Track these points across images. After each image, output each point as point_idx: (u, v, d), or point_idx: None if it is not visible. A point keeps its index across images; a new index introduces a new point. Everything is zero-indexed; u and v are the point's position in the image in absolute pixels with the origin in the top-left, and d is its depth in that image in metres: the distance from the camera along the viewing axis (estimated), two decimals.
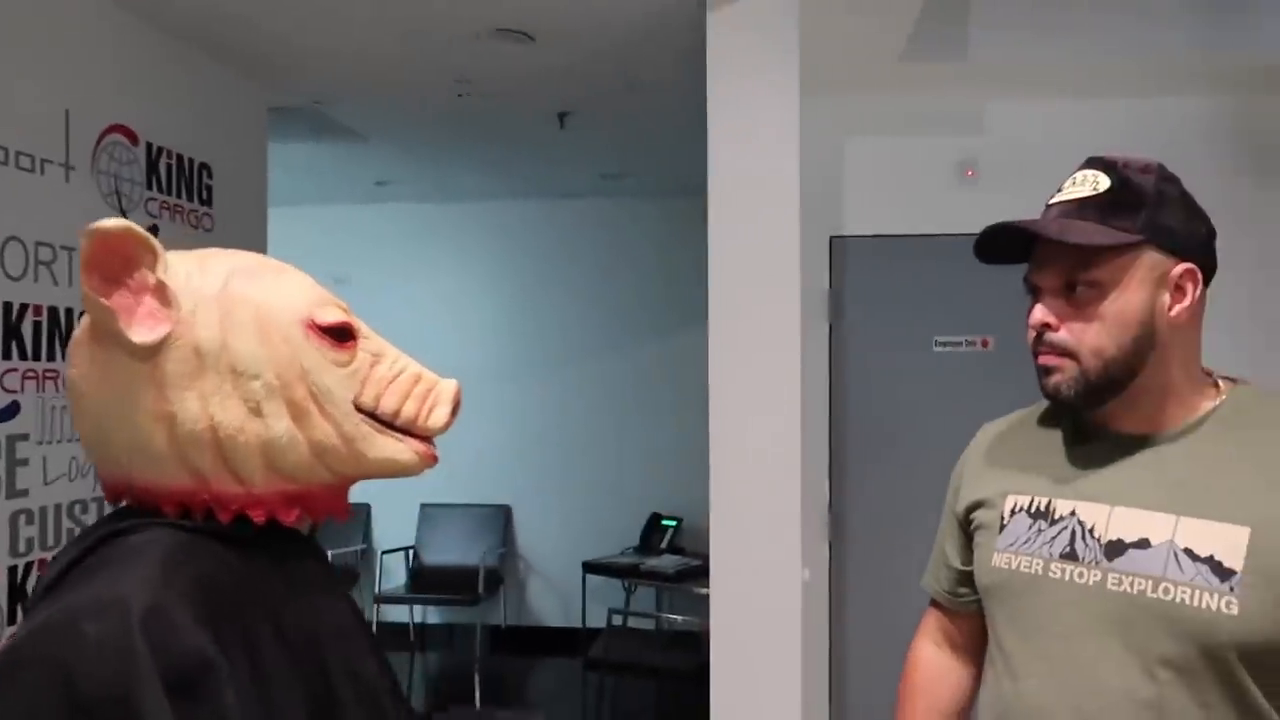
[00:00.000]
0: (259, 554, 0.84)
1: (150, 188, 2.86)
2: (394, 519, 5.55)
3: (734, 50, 2.48)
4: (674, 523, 5.25)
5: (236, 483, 0.83)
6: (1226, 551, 0.98)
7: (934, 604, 1.33)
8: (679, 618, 4.94)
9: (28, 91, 2.41)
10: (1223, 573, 0.97)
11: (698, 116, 2.54)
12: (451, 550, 5.50)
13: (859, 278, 3.18)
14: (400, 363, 0.90)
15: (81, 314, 0.86)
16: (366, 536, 5.68)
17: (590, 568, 5.12)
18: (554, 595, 5.69)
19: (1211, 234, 1.09)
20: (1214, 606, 0.97)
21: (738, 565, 2.43)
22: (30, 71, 2.42)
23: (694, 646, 4.28)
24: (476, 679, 4.74)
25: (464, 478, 5.62)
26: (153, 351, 0.80)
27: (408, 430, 0.88)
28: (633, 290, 5.64)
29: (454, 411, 0.90)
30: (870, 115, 3.20)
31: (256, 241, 3.44)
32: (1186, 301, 1.05)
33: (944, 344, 3.13)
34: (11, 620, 2.34)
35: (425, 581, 5.38)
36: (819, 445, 3.12)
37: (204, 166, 3.10)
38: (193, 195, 3.05)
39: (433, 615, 5.73)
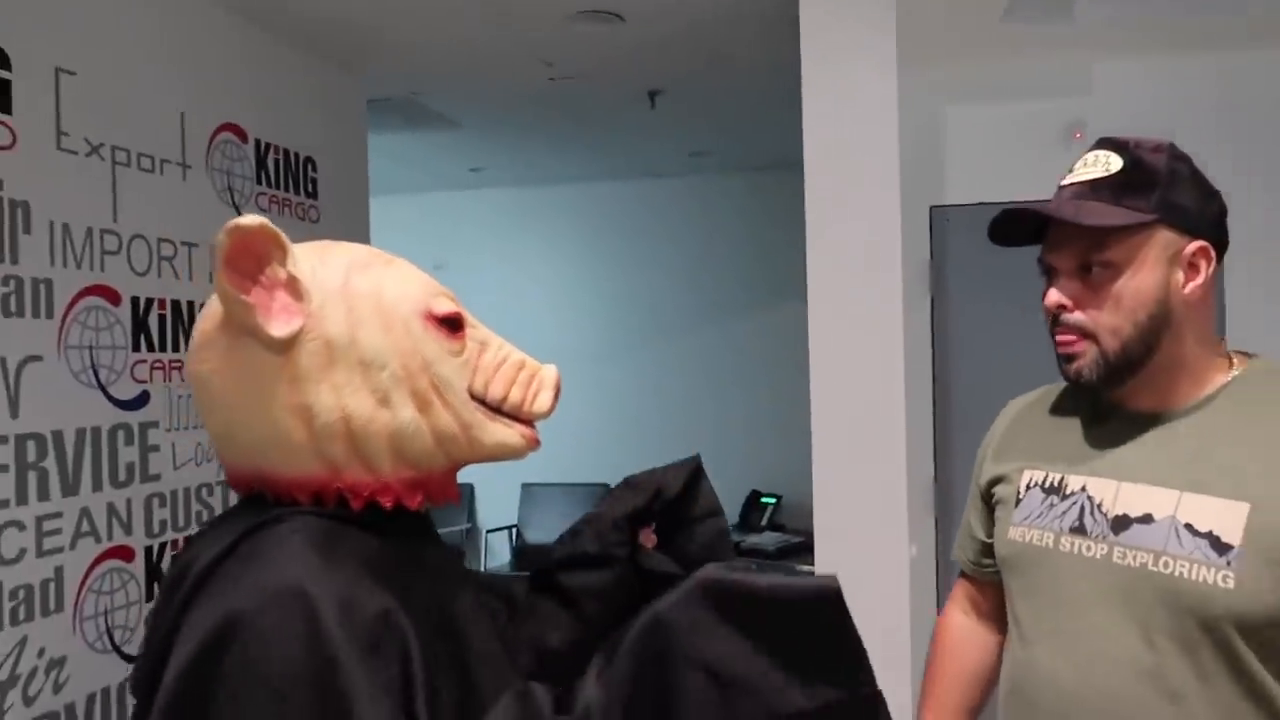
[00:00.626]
0: (388, 539, 0.87)
1: (259, 183, 2.97)
2: (497, 499, 5.68)
3: (828, 21, 2.43)
4: (773, 499, 5.23)
5: (366, 471, 0.85)
6: (1226, 527, 0.99)
7: (962, 574, 1.37)
8: None
9: (145, 96, 2.53)
10: (1221, 547, 0.99)
11: (788, 90, 2.50)
12: (554, 529, 5.56)
13: (961, 248, 3.09)
14: (504, 350, 0.92)
15: (203, 308, 0.89)
16: (471, 516, 5.83)
17: None
18: None
19: (1223, 211, 1.11)
20: (1211, 580, 0.98)
21: (842, 541, 2.41)
22: (147, 76, 2.54)
23: None
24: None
25: (564, 457, 5.68)
26: (287, 345, 0.82)
27: (514, 415, 0.91)
28: (725, 267, 5.61)
29: (556, 396, 0.93)
30: (971, 81, 3.09)
31: (360, 230, 3.55)
32: (1200, 279, 1.07)
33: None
34: (150, 596, 2.48)
35: (529, 560, 5.50)
36: (923, 419, 3.06)
37: (309, 160, 3.21)
38: (299, 188, 3.17)
39: None
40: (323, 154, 3.28)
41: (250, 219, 0.80)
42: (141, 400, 2.48)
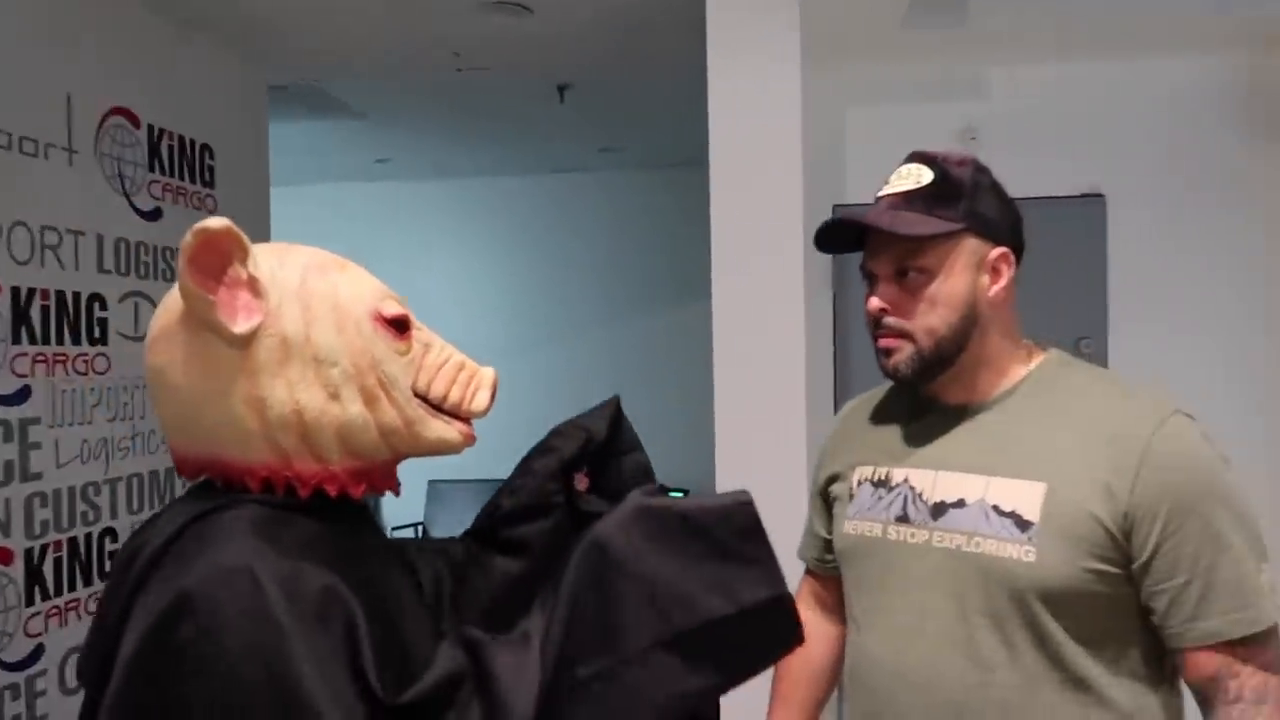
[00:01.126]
0: (331, 525, 0.92)
1: (153, 170, 2.86)
2: (403, 497, 5.57)
3: (734, 20, 2.46)
4: (680, 493, 5.26)
5: (315, 461, 0.91)
6: (1026, 506, 1.09)
7: (808, 571, 1.44)
8: None
9: (28, 76, 2.41)
10: (1023, 525, 1.08)
11: (697, 87, 2.53)
12: (461, 526, 5.52)
13: None
14: (447, 351, 0.99)
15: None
16: (376, 514, 5.72)
17: None
18: None
19: (1019, 219, 1.20)
20: (1015, 555, 1.08)
21: None
22: (30, 56, 2.42)
23: None
24: None
25: (472, 454, 5.55)
26: (246, 341, 0.88)
27: (453, 413, 0.98)
28: (634, 263, 5.64)
29: (493, 396, 1.01)
30: (872, 83, 3.18)
31: (260, 222, 3.45)
32: (1002, 281, 1.16)
33: None
34: (30, 601, 2.37)
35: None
36: (824, 414, 3.13)
37: (205, 148, 3.10)
38: (195, 177, 3.06)
39: None
40: (221, 141, 3.18)
41: (215, 221, 0.85)
42: (22, 395, 2.36)
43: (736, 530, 0.81)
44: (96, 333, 2.59)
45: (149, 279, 2.80)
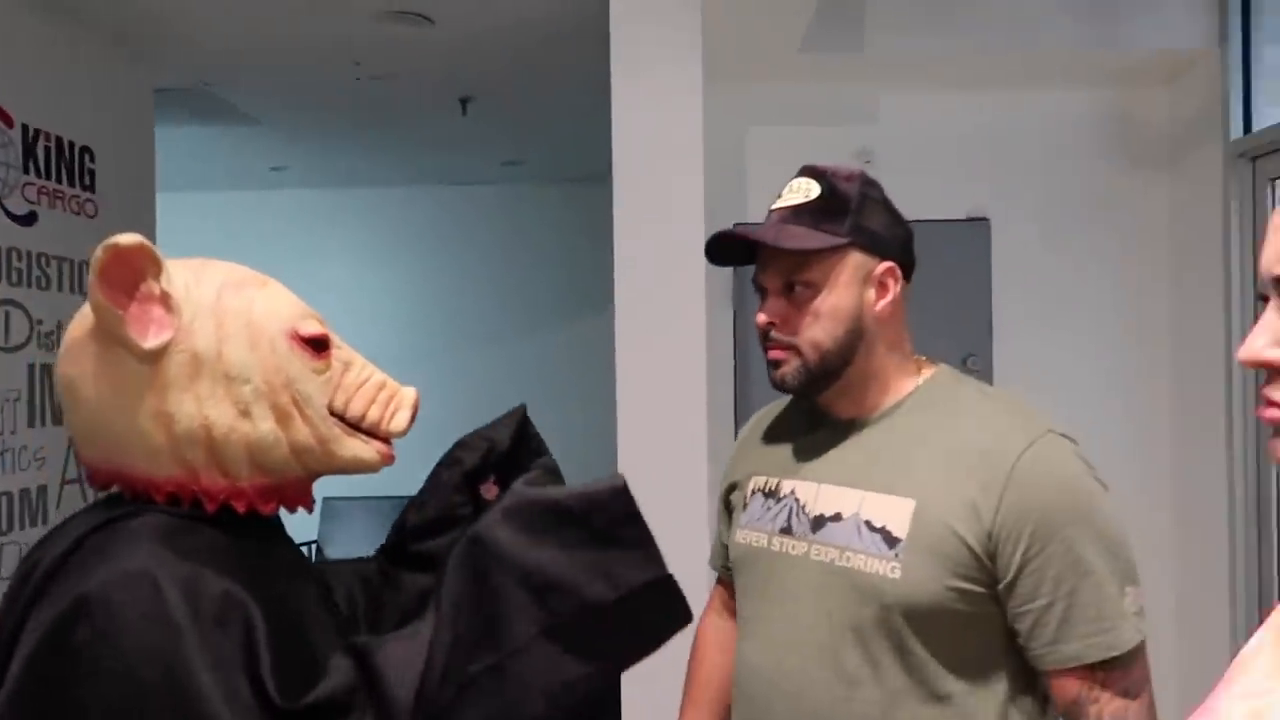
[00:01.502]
0: (238, 538, 0.92)
1: (28, 172, 2.71)
2: (297, 515, 5.41)
3: (637, 38, 2.49)
4: None
5: (223, 476, 0.91)
6: (896, 522, 1.09)
7: (718, 579, 1.45)
8: None
9: None
10: (891, 541, 1.09)
11: (601, 103, 2.54)
12: (356, 545, 5.39)
13: None
14: (367, 370, 1.00)
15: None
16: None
17: None
18: None
19: (909, 235, 1.20)
20: (881, 571, 1.08)
21: None
22: None
23: None
24: None
25: None
26: (157, 356, 0.88)
27: (371, 432, 0.98)
28: (537, 278, 5.62)
29: (413, 416, 1.01)
30: (772, 105, 3.25)
31: (145, 228, 3.30)
32: (889, 296, 1.17)
33: None
34: None
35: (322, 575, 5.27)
36: (725, 427, 3.18)
37: (86, 150, 2.96)
38: (74, 180, 2.91)
39: None
40: (103, 144, 3.03)
41: (128, 237, 0.85)
42: None
43: (614, 516, 0.83)
44: None
45: (22, 286, 2.65)
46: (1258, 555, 2.80)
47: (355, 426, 0.97)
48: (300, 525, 5.51)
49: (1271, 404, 0.61)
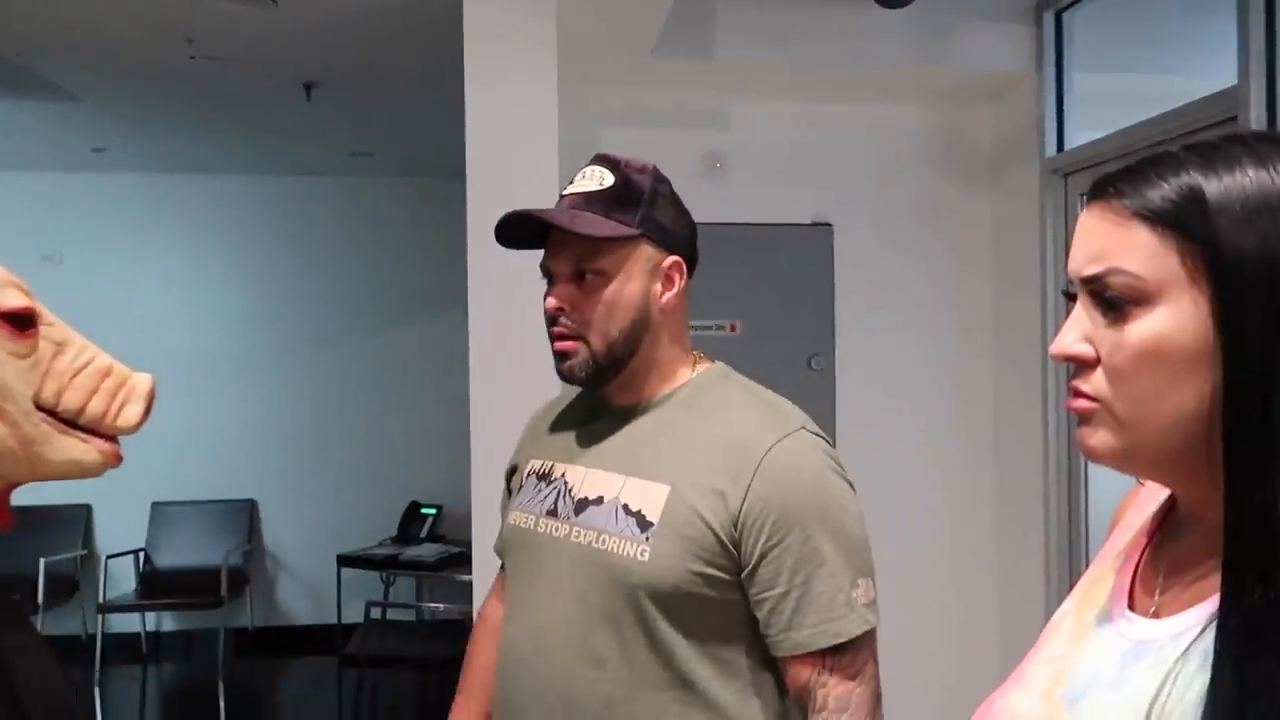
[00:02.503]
0: None
1: None
2: (120, 520, 5.07)
3: (491, 35, 2.46)
4: (434, 510, 5.17)
5: None
6: (650, 507, 1.13)
7: (502, 565, 1.43)
8: (441, 606, 4.88)
9: None
10: (644, 525, 1.12)
11: (452, 97, 2.50)
12: (190, 551, 5.10)
13: None
14: (87, 353, 0.82)
15: None
16: (87, 541, 5.15)
17: (345, 561, 4.94)
18: (306, 592, 5.44)
19: (694, 230, 1.25)
20: (631, 554, 1.11)
21: None
22: None
23: (457, 634, 4.25)
24: (221, 687, 4.44)
25: (202, 473, 5.23)
26: None
27: (92, 429, 0.81)
28: (386, 273, 5.47)
29: (148, 409, 0.83)
30: (625, 106, 3.29)
31: None
32: (675, 289, 1.20)
33: (697, 327, 3.24)
34: None
35: (159, 586, 4.96)
36: None
37: None
38: None
39: (169, 622, 5.31)
40: None
41: None
42: None
43: None
44: None
45: None
46: (1067, 527, 3.05)
47: (71, 423, 0.80)
48: (126, 531, 5.15)
49: (1079, 394, 0.66)
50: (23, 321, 0.77)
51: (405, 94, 3.81)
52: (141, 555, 5.09)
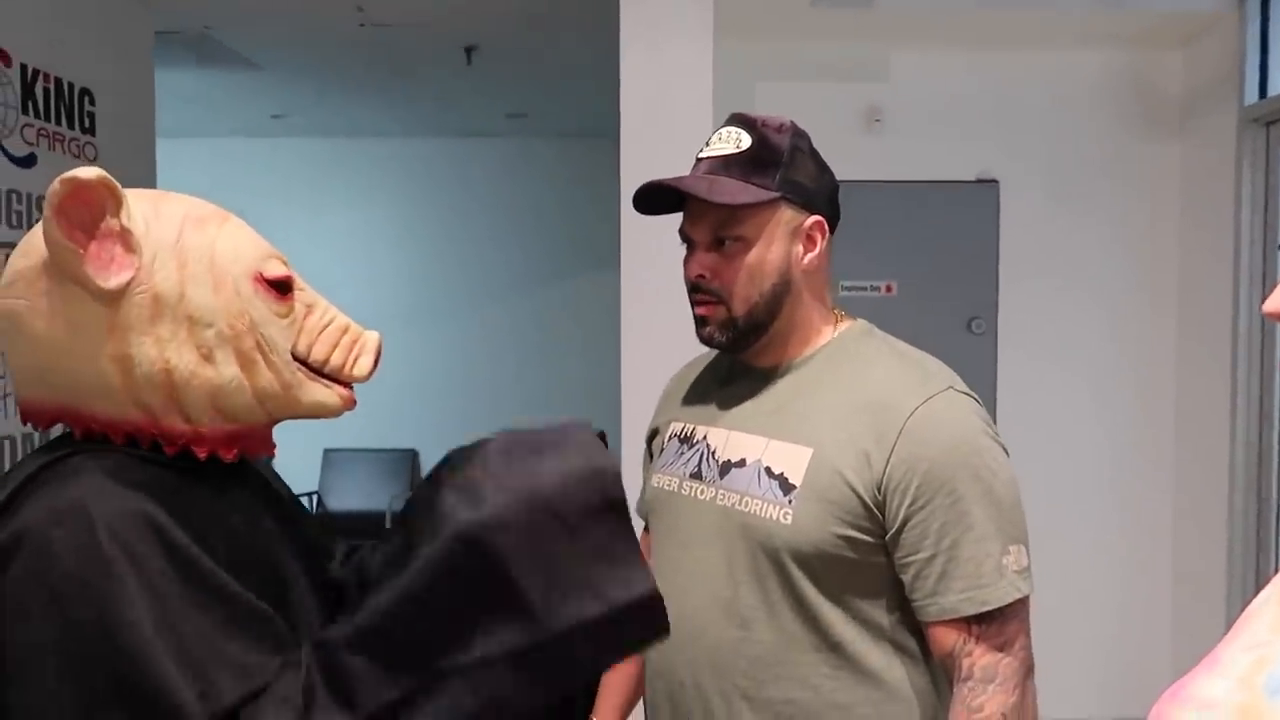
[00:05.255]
0: (195, 479, 0.90)
1: (26, 113, 2.68)
2: (297, 464, 5.44)
3: None
4: None
5: (184, 421, 0.88)
6: (793, 469, 1.11)
7: (645, 526, 1.42)
8: None
9: None
10: (787, 488, 1.11)
11: (606, 57, 2.50)
12: (356, 495, 5.43)
13: None
14: (330, 314, 0.96)
15: None
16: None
17: None
18: None
19: (835, 188, 1.21)
20: (775, 517, 1.10)
21: None
22: None
23: None
24: None
25: (368, 422, 5.51)
26: (116, 296, 0.84)
27: (334, 377, 0.95)
28: (539, 233, 5.58)
29: (376, 361, 0.99)
30: (781, 61, 3.21)
31: (145, 173, 3.27)
32: (816, 250, 1.17)
33: (850, 288, 3.20)
34: None
35: (329, 527, 5.31)
36: None
37: (85, 92, 2.92)
38: (73, 122, 2.87)
39: None
40: (103, 87, 2.99)
41: (87, 171, 0.81)
42: None
43: (600, 519, 0.82)
44: None
45: (22, 228, 2.63)
46: (1255, 514, 2.82)
47: (318, 371, 0.94)
48: (301, 475, 5.53)
49: None
50: (283, 287, 0.92)
51: (562, 54, 3.85)
52: (315, 497, 5.45)
